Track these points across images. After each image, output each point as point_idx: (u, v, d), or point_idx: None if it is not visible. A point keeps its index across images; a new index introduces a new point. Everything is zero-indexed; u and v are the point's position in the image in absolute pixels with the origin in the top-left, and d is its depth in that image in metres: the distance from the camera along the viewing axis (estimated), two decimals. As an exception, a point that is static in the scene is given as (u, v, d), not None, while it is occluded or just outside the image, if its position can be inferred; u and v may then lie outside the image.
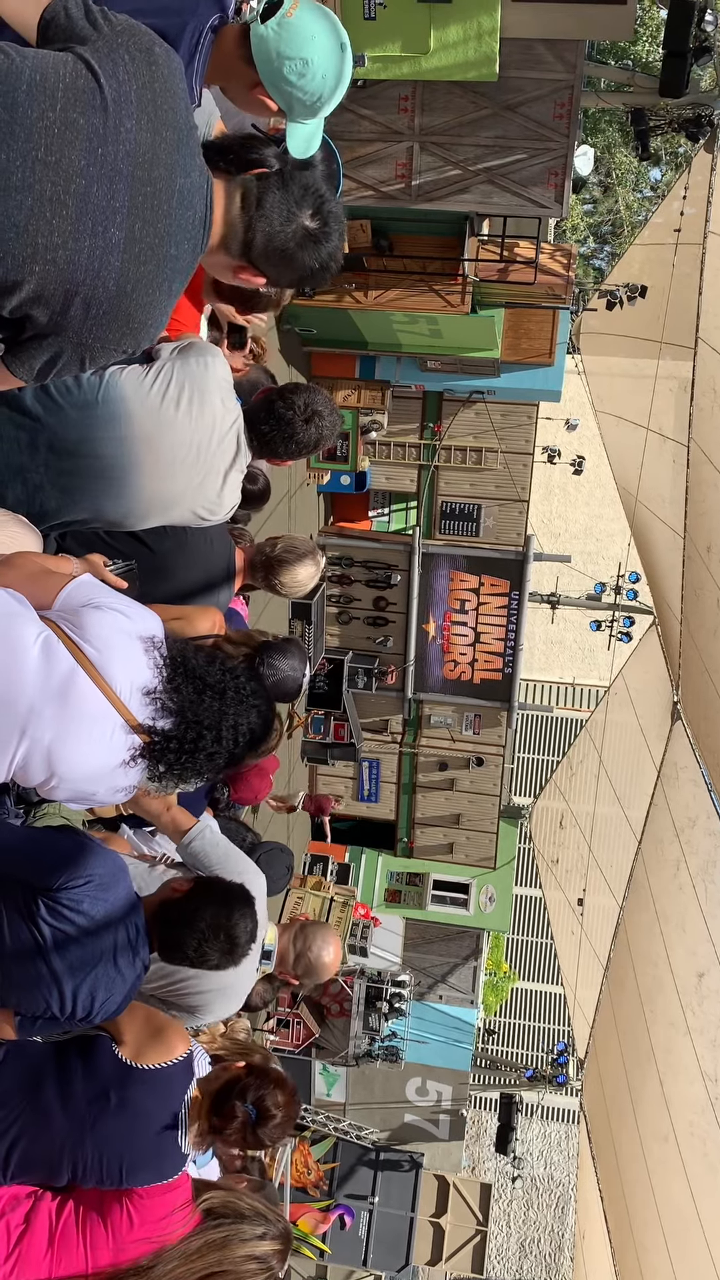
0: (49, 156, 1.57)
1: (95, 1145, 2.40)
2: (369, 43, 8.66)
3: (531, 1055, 17.96)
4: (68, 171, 1.59)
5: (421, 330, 10.82)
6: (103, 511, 2.54)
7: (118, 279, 1.69)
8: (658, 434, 9.66)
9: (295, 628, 10.39)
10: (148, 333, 1.82)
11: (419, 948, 14.56)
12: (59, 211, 1.59)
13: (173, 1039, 2.53)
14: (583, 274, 21.85)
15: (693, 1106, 8.16)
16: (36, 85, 1.57)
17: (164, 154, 1.70)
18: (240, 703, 2.03)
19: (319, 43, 2.08)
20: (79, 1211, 2.44)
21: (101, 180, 1.62)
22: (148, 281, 1.73)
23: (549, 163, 9.33)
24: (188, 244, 1.80)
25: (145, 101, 1.68)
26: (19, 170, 1.55)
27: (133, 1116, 2.44)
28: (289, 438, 2.93)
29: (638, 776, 10.62)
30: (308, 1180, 13.43)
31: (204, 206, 1.83)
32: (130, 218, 1.67)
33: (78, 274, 1.65)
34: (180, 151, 1.74)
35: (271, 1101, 2.69)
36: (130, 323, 1.76)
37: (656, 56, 17.02)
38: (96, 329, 1.73)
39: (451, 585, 12.45)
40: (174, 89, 1.74)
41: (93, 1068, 2.44)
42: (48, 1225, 2.40)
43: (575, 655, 20.24)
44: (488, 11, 8.34)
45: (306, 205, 1.95)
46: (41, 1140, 2.38)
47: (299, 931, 3.42)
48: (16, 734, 1.88)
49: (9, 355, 1.83)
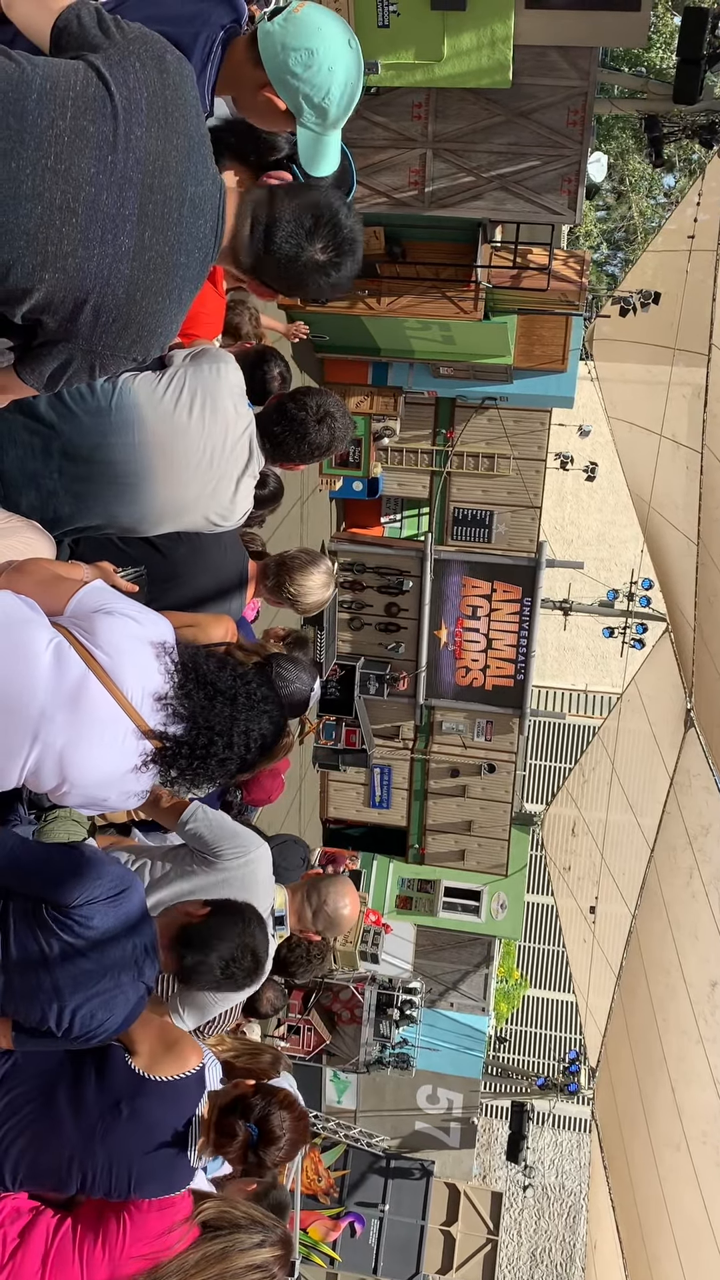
0: (59, 165, 1.58)
1: (105, 1155, 2.39)
2: (383, 50, 8.68)
3: (543, 1063, 17.89)
4: (77, 179, 1.60)
5: (434, 336, 10.83)
6: (116, 517, 2.54)
7: (127, 286, 1.69)
8: (671, 440, 9.64)
9: (307, 633, 10.39)
10: (157, 341, 1.82)
11: (430, 954, 14.52)
12: (69, 219, 1.60)
13: (186, 1052, 2.53)
14: (596, 280, 21.82)
15: (705, 1115, 8.11)
16: (46, 94, 1.58)
17: (174, 162, 1.71)
18: (251, 708, 2.03)
19: (325, 34, 2.07)
20: (76, 1231, 2.43)
21: (111, 188, 1.63)
22: (157, 289, 1.73)
23: (562, 169, 9.33)
24: (198, 252, 1.80)
25: (156, 109, 1.68)
26: (29, 178, 1.56)
27: (144, 1128, 2.43)
28: (301, 439, 2.92)
29: (650, 784, 10.58)
30: (318, 1187, 13.40)
31: (215, 216, 1.83)
32: (140, 225, 1.67)
33: (87, 281, 1.65)
34: (191, 159, 1.74)
35: (276, 1123, 2.65)
36: (140, 330, 1.77)
37: (670, 63, 17.03)
38: (106, 336, 1.74)
39: (464, 591, 12.44)
40: (185, 97, 1.74)
41: (106, 1078, 2.44)
42: (43, 1242, 2.39)
43: (588, 662, 20.18)
44: (501, 19, 8.35)
45: (318, 236, 1.90)
46: (51, 1148, 2.38)
47: (311, 888, 3.40)
48: (28, 740, 1.88)
49: (20, 363, 1.84)
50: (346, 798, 13.93)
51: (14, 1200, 2.44)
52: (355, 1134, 13.67)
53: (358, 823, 14.15)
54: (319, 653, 10.61)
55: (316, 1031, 12.68)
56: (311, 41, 2.06)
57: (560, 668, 20.20)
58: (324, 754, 12.91)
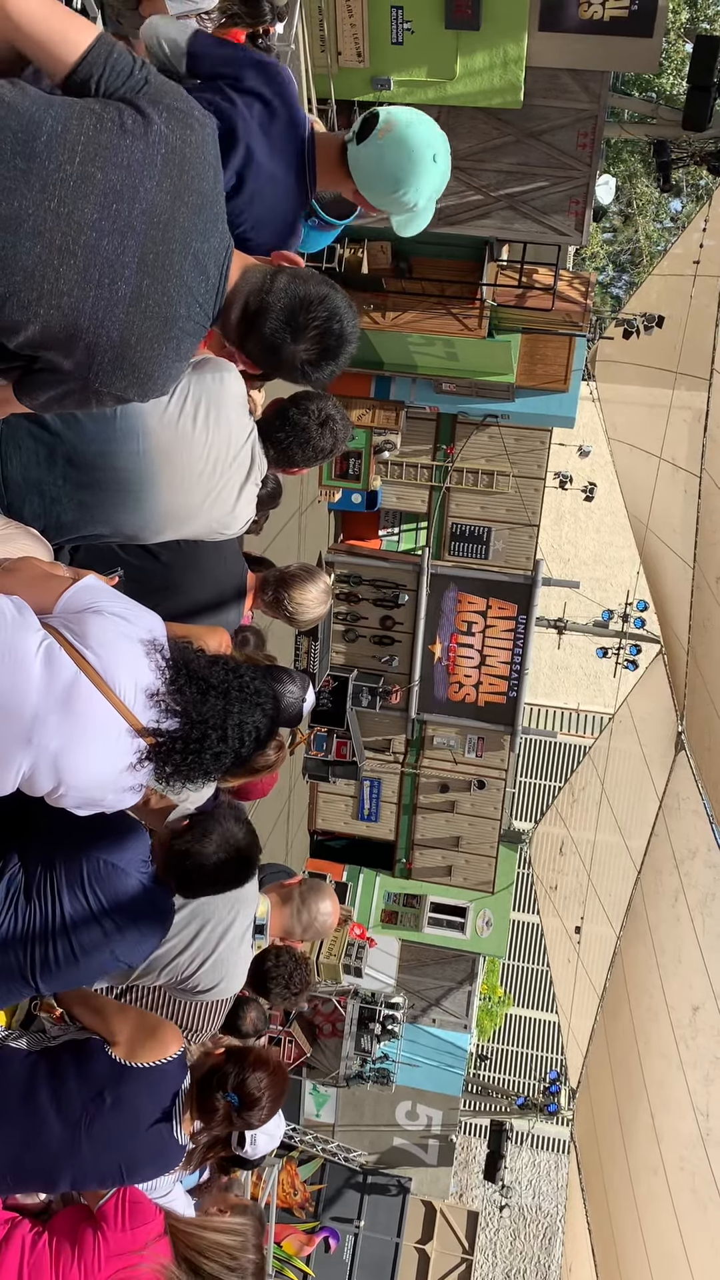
0: (62, 208, 1.60)
1: (92, 1147, 2.40)
2: (395, 67, 8.74)
3: (523, 1083, 17.83)
4: (79, 224, 1.62)
5: (438, 352, 10.86)
6: (120, 525, 2.55)
7: (121, 331, 1.71)
8: (670, 463, 9.68)
9: (302, 644, 10.39)
10: (154, 385, 1.84)
11: (414, 970, 14.48)
12: (66, 260, 1.63)
13: (166, 1037, 2.55)
14: (600, 302, 21.93)
15: (683, 1141, 8.09)
16: (57, 136, 1.60)
17: (182, 216, 1.72)
18: (244, 701, 2.02)
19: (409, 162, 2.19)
20: (53, 1243, 2.43)
21: (113, 234, 1.65)
22: (152, 337, 1.75)
23: (570, 190, 9.39)
24: (198, 308, 1.81)
25: (172, 165, 1.69)
26: (31, 218, 1.58)
27: (129, 1114, 2.45)
28: (305, 443, 2.96)
29: (639, 805, 10.59)
30: (294, 1201, 13.32)
31: (219, 274, 1.84)
32: (139, 274, 1.69)
33: (82, 320, 1.68)
34: (201, 215, 1.76)
35: (254, 1084, 2.70)
36: (135, 373, 1.79)
37: (681, 89, 17.15)
38: (102, 374, 1.77)
39: (459, 607, 12.45)
40: (205, 156, 1.76)
41: (87, 1071, 2.44)
42: (19, 1256, 2.39)
43: (580, 681, 20.21)
44: (514, 40, 8.42)
45: (305, 336, 1.88)
46: (35, 1148, 2.38)
47: (292, 893, 3.46)
48: (22, 744, 1.87)
49: (18, 386, 1.87)
50: (335, 809, 13.91)
51: None
52: (333, 1148, 13.60)
53: (345, 835, 14.13)
54: (312, 663, 10.60)
55: (298, 1044, 12.63)
56: (398, 171, 2.19)
57: (553, 686, 20.22)
58: (314, 765, 12.89)
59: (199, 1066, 2.74)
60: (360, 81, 8.85)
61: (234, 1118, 2.68)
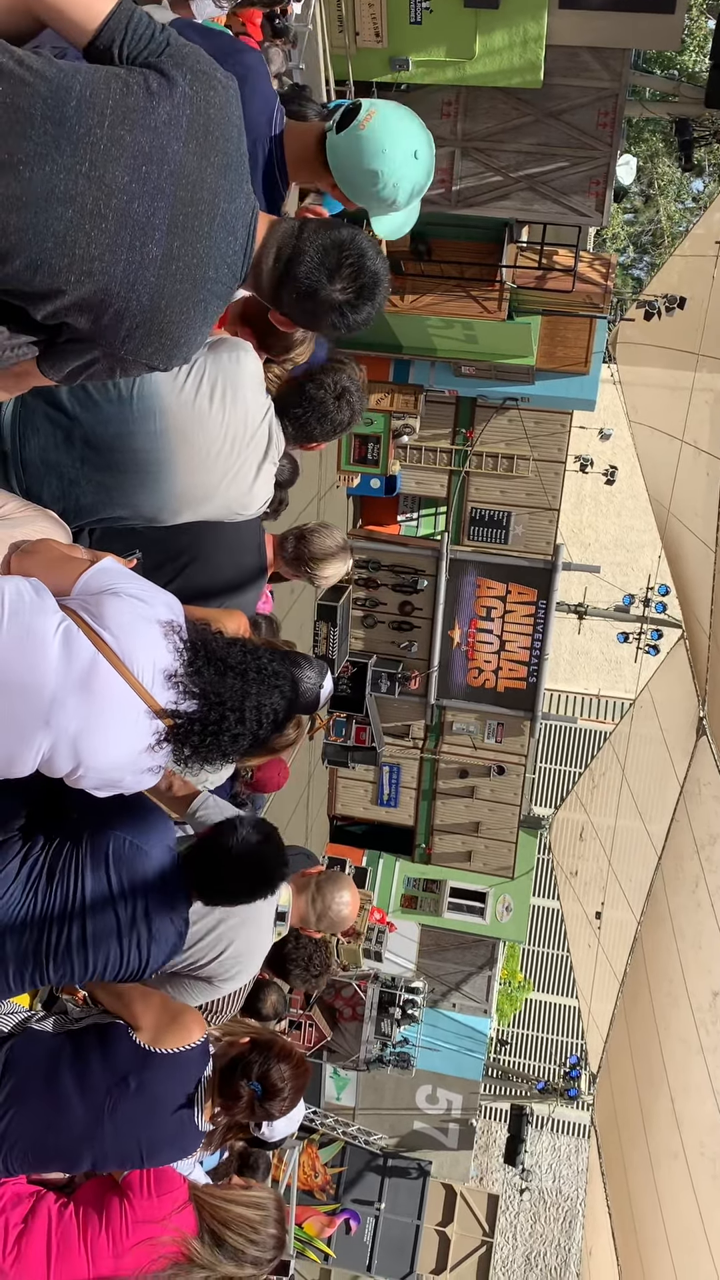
0: (93, 171, 1.59)
1: (114, 1131, 2.42)
2: (414, 47, 8.67)
3: (544, 1067, 17.86)
4: (110, 187, 1.61)
5: (457, 335, 10.80)
6: (138, 506, 2.55)
7: (152, 294, 1.70)
8: (692, 446, 9.60)
9: (321, 630, 10.39)
10: (180, 350, 1.83)
11: (434, 955, 14.52)
12: (98, 224, 1.62)
13: (190, 1024, 2.56)
14: (621, 283, 21.73)
15: (703, 1126, 8.08)
16: (86, 101, 1.59)
17: (209, 178, 1.72)
18: (262, 682, 2.03)
19: (389, 155, 2.14)
20: (80, 1214, 2.46)
21: (143, 197, 1.64)
22: (183, 299, 1.75)
23: (591, 171, 9.30)
24: (227, 269, 1.81)
25: (197, 126, 1.69)
26: (62, 183, 1.58)
27: (152, 1100, 2.47)
28: (323, 418, 2.96)
29: (660, 791, 10.54)
30: (314, 1183, 13.42)
31: (246, 235, 1.83)
32: (170, 236, 1.68)
33: (113, 285, 1.67)
34: (227, 176, 1.75)
35: (277, 1075, 2.71)
36: (163, 338, 1.78)
37: (703, 67, 16.95)
38: (130, 341, 1.76)
39: (478, 592, 12.42)
40: (229, 116, 1.75)
41: (111, 1055, 2.46)
42: (46, 1227, 2.42)
43: (601, 667, 20.12)
44: (534, 18, 8.33)
45: (340, 275, 1.88)
46: (58, 1130, 2.40)
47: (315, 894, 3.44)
48: (41, 726, 1.88)
49: (42, 358, 1.86)
50: (354, 795, 13.94)
51: (14, 1185, 2.46)
52: (353, 1131, 13.68)
53: (365, 820, 14.15)
54: (331, 649, 10.60)
55: (318, 1027, 12.69)
56: (376, 164, 2.14)
57: (573, 672, 20.15)
58: (333, 751, 12.91)
59: (222, 1054, 2.76)
60: (379, 62, 8.78)
61: (255, 1107, 2.70)
